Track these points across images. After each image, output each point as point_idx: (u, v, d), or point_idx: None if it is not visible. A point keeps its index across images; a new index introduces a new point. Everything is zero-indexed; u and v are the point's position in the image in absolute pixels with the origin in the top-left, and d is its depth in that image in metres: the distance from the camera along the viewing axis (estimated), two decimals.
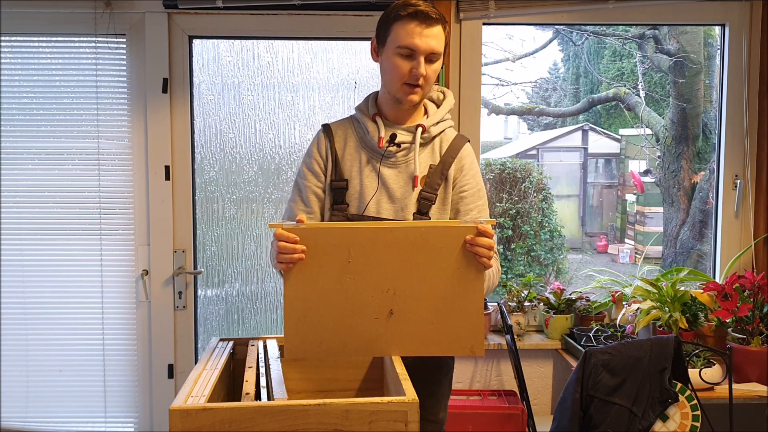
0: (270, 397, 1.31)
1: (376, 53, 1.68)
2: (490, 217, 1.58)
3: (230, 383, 1.55)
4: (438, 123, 1.71)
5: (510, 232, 5.73)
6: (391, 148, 1.66)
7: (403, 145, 1.67)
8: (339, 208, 1.68)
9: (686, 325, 2.36)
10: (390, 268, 1.39)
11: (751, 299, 2.33)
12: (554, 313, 2.74)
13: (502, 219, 5.72)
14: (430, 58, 1.60)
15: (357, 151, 1.70)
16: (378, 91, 1.74)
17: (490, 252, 1.40)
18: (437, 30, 1.59)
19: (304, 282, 1.40)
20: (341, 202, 1.68)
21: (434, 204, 1.66)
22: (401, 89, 1.62)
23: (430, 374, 1.72)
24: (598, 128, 8.20)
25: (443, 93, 1.78)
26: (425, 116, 1.72)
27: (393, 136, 1.65)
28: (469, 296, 1.40)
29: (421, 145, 1.69)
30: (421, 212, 1.65)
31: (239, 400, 1.32)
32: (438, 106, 1.75)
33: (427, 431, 1.70)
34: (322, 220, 1.71)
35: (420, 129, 1.67)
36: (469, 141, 1.75)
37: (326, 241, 1.39)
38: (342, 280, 1.39)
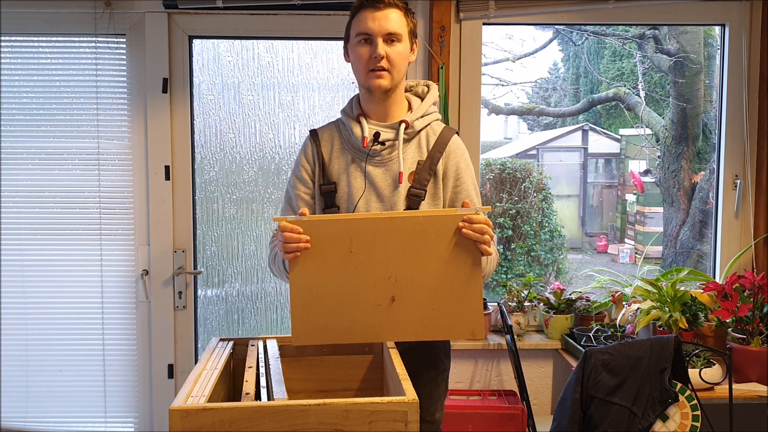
0: (270, 397, 1.31)
1: (347, 53, 1.70)
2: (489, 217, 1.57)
3: (230, 383, 1.55)
4: (422, 117, 1.69)
5: (510, 232, 5.73)
6: (375, 147, 1.65)
7: (387, 143, 1.66)
8: (330, 211, 1.68)
9: (686, 325, 2.36)
10: (391, 257, 1.44)
11: (751, 299, 2.33)
12: (554, 313, 2.74)
13: (502, 219, 5.71)
14: (389, 38, 1.60)
15: (343, 153, 1.70)
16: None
17: (485, 236, 1.43)
18: (391, 12, 1.60)
19: (308, 272, 1.45)
20: (331, 205, 1.68)
21: (424, 200, 1.65)
22: (367, 77, 1.62)
23: (426, 375, 1.71)
24: (598, 128, 8.17)
25: (428, 86, 1.77)
26: (409, 111, 1.71)
27: (377, 135, 1.65)
28: (468, 281, 1.45)
29: (407, 140, 1.67)
30: (411, 209, 1.64)
31: (239, 400, 1.32)
32: (422, 100, 1.73)
33: None
34: None
35: (403, 125, 1.65)
36: (457, 133, 1.73)
37: (328, 232, 1.43)
38: (344, 269, 1.44)
